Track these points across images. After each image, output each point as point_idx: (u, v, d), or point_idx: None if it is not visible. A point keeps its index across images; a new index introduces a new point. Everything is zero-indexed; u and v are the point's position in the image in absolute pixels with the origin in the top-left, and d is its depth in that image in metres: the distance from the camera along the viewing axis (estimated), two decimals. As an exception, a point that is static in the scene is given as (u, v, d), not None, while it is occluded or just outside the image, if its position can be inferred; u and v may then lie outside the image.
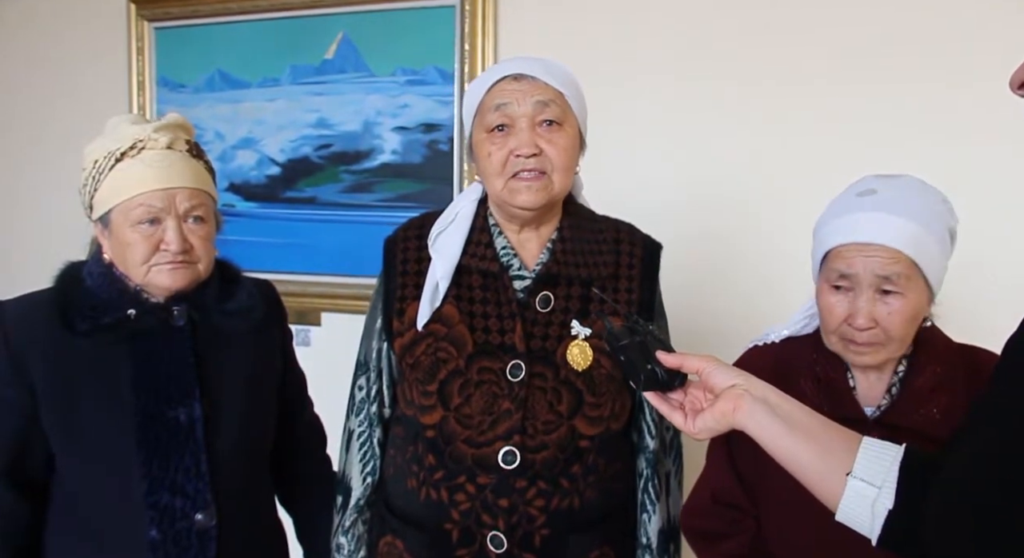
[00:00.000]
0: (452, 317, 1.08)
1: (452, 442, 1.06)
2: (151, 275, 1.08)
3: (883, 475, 0.69)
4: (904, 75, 1.58)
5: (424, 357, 1.07)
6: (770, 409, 0.75)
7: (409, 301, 1.11)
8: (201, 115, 2.22)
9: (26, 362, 1.05)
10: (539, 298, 1.07)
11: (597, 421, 1.07)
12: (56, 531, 1.11)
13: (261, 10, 2.15)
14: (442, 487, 1.06)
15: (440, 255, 1.09)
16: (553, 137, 1.04)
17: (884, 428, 0.98)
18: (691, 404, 0.81)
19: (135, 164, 1.07)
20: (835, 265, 0.98)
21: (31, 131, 2.44)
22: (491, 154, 1.05)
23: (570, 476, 1.06)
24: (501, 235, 1.11)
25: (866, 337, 0.97)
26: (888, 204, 0.95)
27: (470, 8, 1.92)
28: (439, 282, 1.08)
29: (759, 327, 1.16)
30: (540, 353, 1.05)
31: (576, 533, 1.07)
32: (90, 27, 2.33)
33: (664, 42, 1.76)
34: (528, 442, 1.03)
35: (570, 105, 1.07)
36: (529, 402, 1.04)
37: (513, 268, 1.09)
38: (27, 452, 1.07)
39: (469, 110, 1.10)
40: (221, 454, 1.11)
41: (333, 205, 2.13)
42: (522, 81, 1.05)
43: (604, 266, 1.10)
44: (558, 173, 1.05)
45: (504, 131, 1.05)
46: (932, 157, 1.46)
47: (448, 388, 1.06)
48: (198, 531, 1.08)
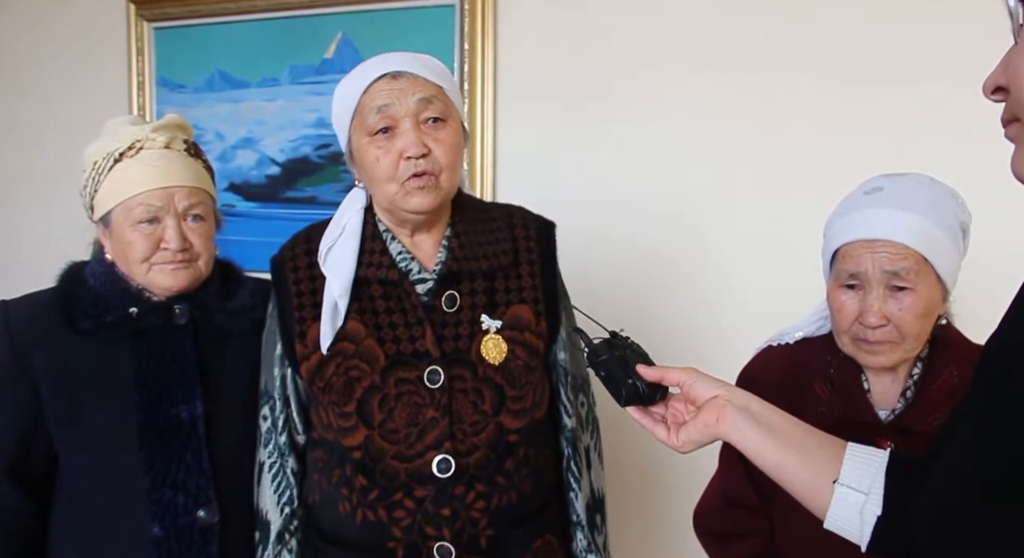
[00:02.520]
0: (358, 332, 1.03)
1: (381, 460, 1.02)
2: (152, 274, 1.09)
3: (870, 481, 0.69)
4: (913, 74, 1.58)
5: (336, 378, 1.03)
6: (753, 418, 0.74)
7: (309, 322, 1.06)
8: (201, 115, 2.22)
9: (30, 360, 1.06)
10: (444, 298, 1.05)
11: (521, 414, 1.06)
12: (59, 528, 1.11)
13: (260, 10, 2.15)
14: (379, 507, 1.02)
15: (334, 272, 1.04)
16: (439, 135, 1.01)
17: (899, 432, 0.96)
18: (673, 417, 0.81)
19: (134, 164, 1.08)
20: (844, 265, 0.97)
21: (32, 131, 2.44)
22: (379, 159, 1.00)
23: (504, 472, 1.04)
24: (394, 240, 1.08)
25: (878, 335, 0.95)
26: (895, 200, 0.94)
27: (469, 7, 1.92)
28: (338, 301, 1.03)
29: (769, 329, 1.15)
30: (455, 355, 1.03)
31: (518, 526, 1.06)
32: (90, 28, 2.34)
33: (664, 41, 1.76)
34: (459, 447, 1.01)
35: (451, 99, 1.04)
36: (453, 406, 1.01)
37: (413, 272, 1.06)
38: (31, 450, 1.08)
39: (344, 114, 1.05)
40: (223, 451, 1.12)
41: (333, 205, 2.10)
42: (400, 79, 1.01)
43: (503, 255, 1.08)
44: (447, 171, 1.02)
45: (388, 133, 1.00)
46: (948, 154, 1.45)
47: (367, 406, 1.02)
48: (200, 528, 1.09)
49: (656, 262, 1.77)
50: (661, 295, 1.77)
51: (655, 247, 1.77)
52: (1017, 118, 0.53)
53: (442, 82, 1.03)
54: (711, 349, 1.69)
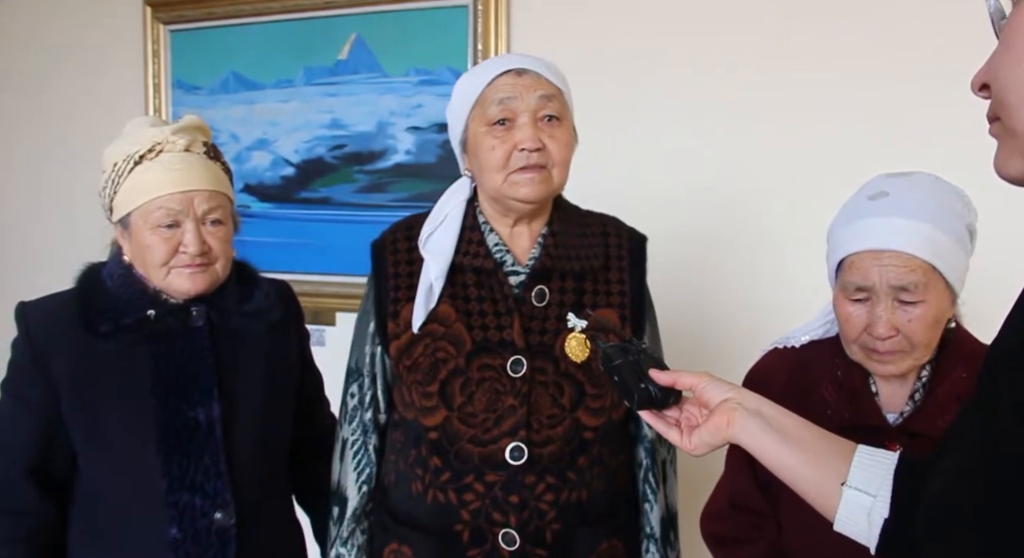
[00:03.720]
0: (449, 316, 1.08)
1: (457, 442, 1.05)
2: (170, 278, 1.10)
3: (878, 483, 0.70)
4: (922, 72, 1.57)
5: (423, 358, 1.07)
6: (764, 421, 0.75)
7: (403, 303, 1.11)
8: (216, 117, 2.23)
9: (49, 362, 1.07)
10: (534, 292, 1.08)
11: (599, 412, 1.07)
12: (78, 530, 1.12)
13: (274, 12, 2.16)
14: (449, 488, 1.06)
15: (433, 256, 1.09)
16: (554, 132, 1.06)
17: (907, 436, 0.96)
18: (687, 421, 0.82)
19: (154, 167, 1.08)
20: (851, 278, 0.95)
21: (49, 133, 2.46)
22: (494, 148, 1.05)
23: (577, 469, 1.06)
24: (492, 232, 1.12)
25: (888, 345, 0.94)
26: (900, 207, 0.92)
27: (483, 8, 1.92)
28: (433, 283, 1.08)
29: (769, 328, 1.15)
30: (539, 347, 1.06)
31: (586, 526, 1.07)
32: (107, 30, 2.35)
33: (676, 40, 1.76)
34: (534, 437, 1.04)
35: (566, 102, 1.10)
36: (532, 397, 1.04)
37: (507, 264, 1.10)
38: (50, 451, 1.09)
39: (465, 103, 1.09)
40: (240, 453, 1.12)
41: (347, 205, 2.14)
42: (524, 76, 1.06)
43: (595, 258, 1.12)
44: (558, 168, 1.07)
45: (506, 125, 1.05)
46: (957, 153, 1.44)
47: (450, 388, 1.06)
48: (217, 530, 1.09)
49: (680, 261, 1.76)
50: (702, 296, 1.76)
51: (674, 249, 1.76)
52: (999, 117, 0.53)
53: (560, 85, 1.09)
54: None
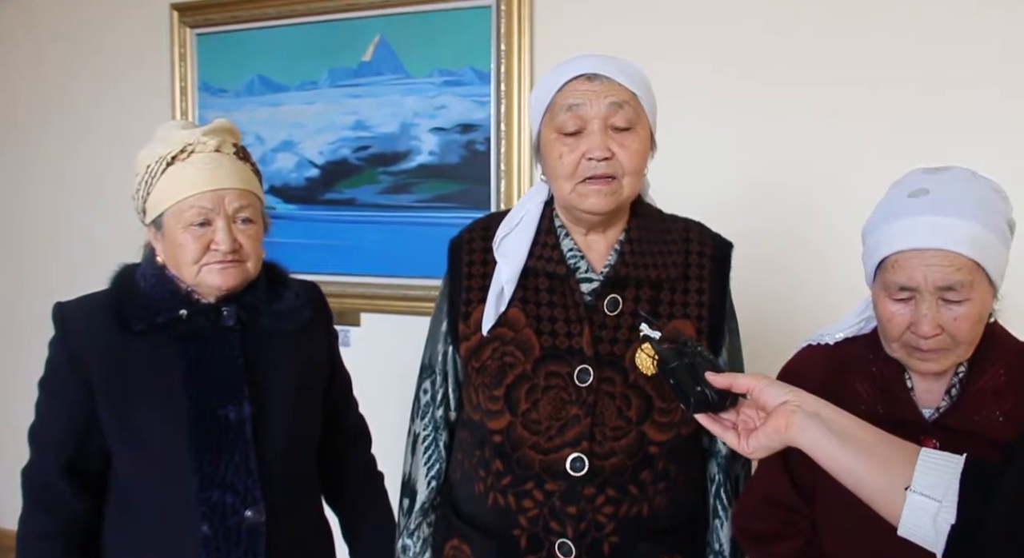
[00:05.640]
0: (518, 321, 1.06)
1: (519, 448, 1.04)
2: (202, 275, 1.11)
3: (944, 488, 0.68)
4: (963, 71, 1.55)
5: (491, 361, 1.06)
6: (823, 424, 0.74)
7: (475, 304, 1.09)
8: (241, 119, 2.26)
9: (84, 361, 1.08)
10: (607, 301, 1.05)
11: (667, 427, 1.04)
12: (113, 525, 1.14)
13: (298, 15, 2.18)
14: (509, 493, 1.05)
15: (506, 259, 1.07)
16: (625, 140, 1.02)
17: (943, 431, 0.95)
18: (744, 423, 0.81)
19: (185, 167, 1.09)
20: (894, 277, 0.93)
21: (77, 135, 2.51)
22: (562, 156, 1.02)
23: (639, 483, 1.04)
24: (568, 237, 1.09)
25: (932, 344, 0.92)
26: (943, 205, 0.91)
27: (506, 8, 1.92)
28: (504, 286, 1.06)
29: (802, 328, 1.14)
30: (608, 357, 1.03)
31: (645, 541, 1.04)
32: (134, 34, 2.39)
33: (704, 40, 1.74)
34: (596, 449, 1.01)
35: (643, 106, 1.04)
36: (597, 408, 1.02)
37: (580, 271, 1.07)
38: (86, 448, 1.11)
39: (539, 107, 1.07)
40: (269, 452, 1.13)
41: (372, 206, 2.15)
42: (595, 81, 1.02)
43: (673, 267, 1.08)
44: (628, 177, 1.02)
45: (576, 133, 1.02)
46: (993, 147, 1.42)
47: (515, 393, 1.04)
48: (248, 527, 1.10)
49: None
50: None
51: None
52: None
53: (636, 89, 1.03)
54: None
